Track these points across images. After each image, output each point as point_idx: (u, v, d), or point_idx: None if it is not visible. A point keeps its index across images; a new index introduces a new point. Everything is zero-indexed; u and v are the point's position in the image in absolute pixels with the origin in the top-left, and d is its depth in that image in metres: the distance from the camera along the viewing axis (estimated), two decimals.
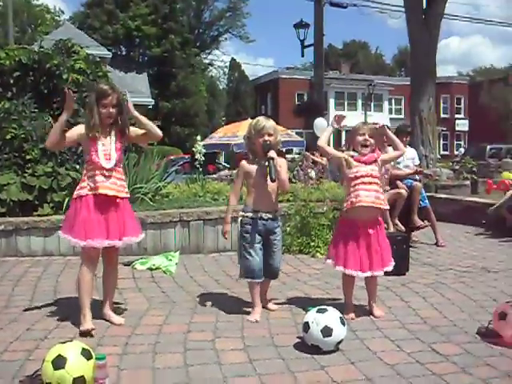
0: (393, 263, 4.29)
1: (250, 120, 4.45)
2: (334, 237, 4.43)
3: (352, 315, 4.14)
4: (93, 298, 3.99)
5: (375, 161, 4.21)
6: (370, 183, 4.12)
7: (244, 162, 4.27)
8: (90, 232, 3.79)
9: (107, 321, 4.00)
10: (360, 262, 4.11)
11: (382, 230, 4.28)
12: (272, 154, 4.04)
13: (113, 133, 3.93)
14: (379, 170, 4.25)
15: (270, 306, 4.38)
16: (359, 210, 4.10)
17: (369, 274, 4.15)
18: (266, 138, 4.11)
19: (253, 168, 4.20)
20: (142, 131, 4.03)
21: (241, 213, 4.23)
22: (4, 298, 4.62)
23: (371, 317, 4.20)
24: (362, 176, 4.13)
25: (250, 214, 4.17)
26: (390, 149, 7.30)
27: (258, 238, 4.16)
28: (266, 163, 4.05)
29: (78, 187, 3.92)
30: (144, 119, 3.99)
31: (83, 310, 3.82)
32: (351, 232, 4.14)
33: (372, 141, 4.21)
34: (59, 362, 2.72)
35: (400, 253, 5.58)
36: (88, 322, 3.77)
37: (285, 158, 4.75)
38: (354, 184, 4.14)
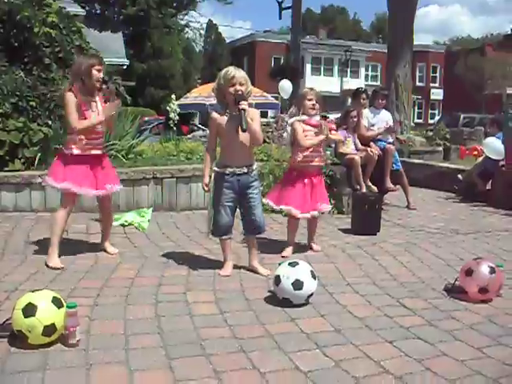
0: (329, 206, 5.08)
1: (210, 85, 4.31)
2: (281, 183, 5.00)
3: (290, 250, 4.81)
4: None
5: (321, 125, 4.76)
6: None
7: (215, 114, 4.10)
8: (81, 182, 4.27)
9: (104, 251, 4.62)
10: (303, 204, 4.74)
11: (322, 179, 5.01)
12: (243, 104, 3.90)
13: (97, 98, 4.39)
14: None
15: (258, 267, 4.25)
16: (305, 165, 4.78)
17: (308, 215, 4.81)
18: (238, 87, 3.95)
19: (224, 120, 4.05)
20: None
21: (214, 168, 4.18)
22: None
23: (341, 272, 4.26)
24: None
25: (221, 170, 4.13)
26: (365, 111, 7.38)
27: (229, 194, 4.11)
28: (238, 113, 3.91)
29: (68, 144, 4.33)
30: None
31: (53, 247, 4.27)
32: (297, 180, 4.77)
33: (317, 106, 4.78)
34: (30, 310, 2.71)
35: (372, 213, 5.67)
36: (56, 260, 4.23)
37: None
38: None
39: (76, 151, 4.28)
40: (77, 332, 2.78)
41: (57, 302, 2.80)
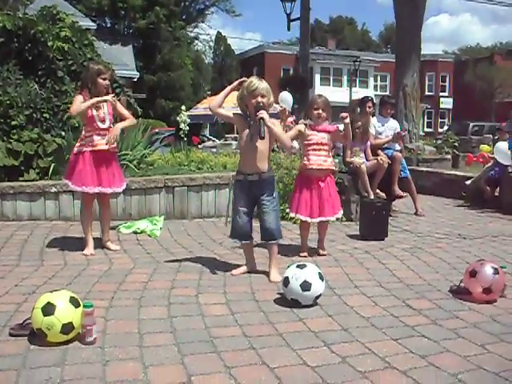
0: (341, 212, 5.17)
1: (236, 92, 4.44)
2: (294, 190, 5.15)
3: (305, 253, 5.01)
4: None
5: (328, 131, 4.98)
6: (320, 149, 4.96)
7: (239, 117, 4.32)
8: (84, 181, 4.79)
9: (107, 249, 5.06)
10: (310, 210, 4.92)
11: (332, 184, 5.09)
12: (262, 114, 4.03)
13: (105, 104, 4.88)
14: (329, 139, 5.00)
15: (270, 272, 4.28)
16: (311, 169, 4.94)
17: (318, 219, 4.98)
18: (259, 99, 4.10)
19: (244, 128, 4.24)
20: (125, 114, 5.15)
21: (233, 174, 4.42)
22: None
23: (349, 276, 4.36)
24: (313, 143, 4.96)
25: (236, 176, 4.34)
26: (373, 119, 7.48)
27: (244, 200, 4.27)
28: (258, 123, 4.05)
29: (78, 144, 4.90)
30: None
31: (87, 236, 4.94)
32: (305, 186, 4.96)
33: (324, 114, 4.96)
34: (48, 309, 2.83)
35: (379, 218, 5.77)
36: (90, 248, 4.90)
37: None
38: (307, 149, 4.99)
39: (82, 148, 4.81)
40: (93, 330, 2.90)
41: (74, 302, 2.93)
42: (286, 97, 9.40)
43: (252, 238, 4.40)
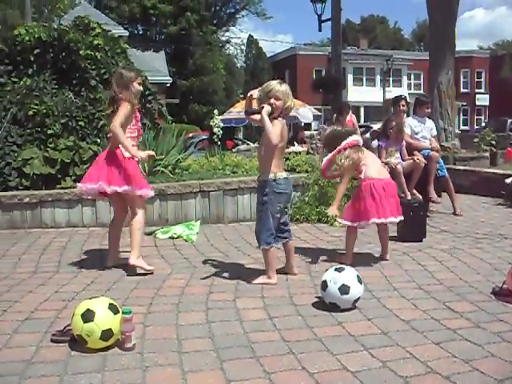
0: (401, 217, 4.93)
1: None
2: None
3: (351, 262, 4.62)
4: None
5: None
6: None
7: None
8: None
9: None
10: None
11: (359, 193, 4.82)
12: (264, 106, 4.01)
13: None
14: None
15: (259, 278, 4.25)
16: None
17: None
18: (272, 101, 4.06)
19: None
20: None
21: None
22: (32, 265, 4.79)
23: (387, 278, 4.30)
24: None
25: None
26: (409, 119, 7.39)
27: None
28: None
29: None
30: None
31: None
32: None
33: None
34: (88, 316, 2.86)
35: (417, 219, 5.67)
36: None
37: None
38: None
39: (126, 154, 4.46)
40: (132, 336, 2.92)
41: (113, 308, 2.95)
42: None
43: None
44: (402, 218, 4.94)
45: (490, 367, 2.71)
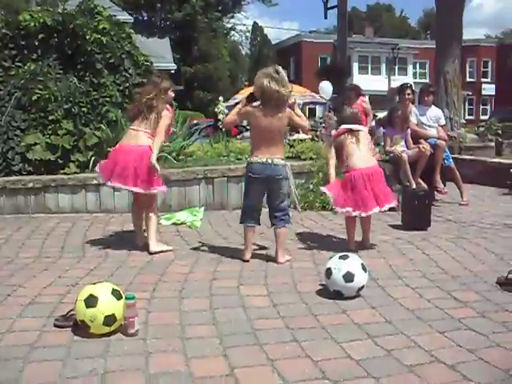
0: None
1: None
2: None
3: (353, 246, 4.76)
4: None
5: None
6: None
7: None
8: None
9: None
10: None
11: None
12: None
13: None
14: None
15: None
16: None
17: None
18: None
19: None
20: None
21: None
22: (36, 250, 4.79)
23: (392, 267, 4.28)
24: None
25: None
26: (413, 108, 7.34)
27: None
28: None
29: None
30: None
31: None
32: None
33: None
34: (91, 301, 2.85)
35: (422, 208, 5.65)
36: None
37: None
38: None
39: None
40: (135, 322, 2.90)
41: (116, 294, 2.94)
42: (326, 86, 9.31)
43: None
44: (393, 205, 4.93)
45: (494, 357, 2.69)
